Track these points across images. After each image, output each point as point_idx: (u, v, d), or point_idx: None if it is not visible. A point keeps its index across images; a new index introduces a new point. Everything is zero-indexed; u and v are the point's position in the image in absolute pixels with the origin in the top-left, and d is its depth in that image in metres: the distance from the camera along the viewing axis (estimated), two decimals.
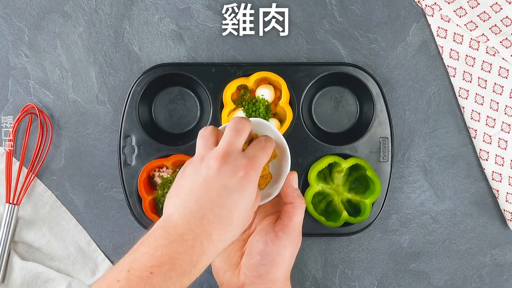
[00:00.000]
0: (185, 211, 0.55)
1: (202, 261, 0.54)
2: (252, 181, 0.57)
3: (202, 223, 0.54)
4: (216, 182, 0.56)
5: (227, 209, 0.56)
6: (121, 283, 0.51)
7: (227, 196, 0.56)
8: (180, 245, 0.53)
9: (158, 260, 0.52)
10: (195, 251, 0.53)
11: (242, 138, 0.60)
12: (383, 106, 0.80)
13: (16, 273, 0.80)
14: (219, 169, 0.57)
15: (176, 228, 0.54)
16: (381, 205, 0.80)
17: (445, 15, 0.83)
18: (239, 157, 0.58)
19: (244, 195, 0.57)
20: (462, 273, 0.84)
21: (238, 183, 0.56)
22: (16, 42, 0.84)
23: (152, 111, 0.83)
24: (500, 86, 0.83)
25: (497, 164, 0.82)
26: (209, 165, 0.57)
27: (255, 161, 0.58)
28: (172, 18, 0.84)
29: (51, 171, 0.83)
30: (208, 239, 0.54)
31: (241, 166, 0.57)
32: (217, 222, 0.55)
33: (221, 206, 0.56)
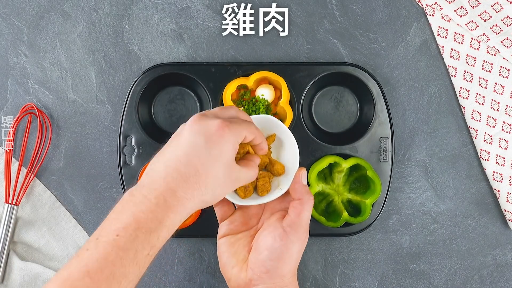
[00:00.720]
0: (152, 172, 0.56)
1: (169, 219, 0.54)
2: (224, 138, 0.56)
3: (165, 181, 0.54)
4: (186, 140, 0.56)
5: (193, 166, 0.55)
6: (90, 250, 0.51)
7: (194, 154, 0.55)
8: (144, 204, 0.53)
9: (123, 222, 0.52)
10: (159, 208, 0.53)
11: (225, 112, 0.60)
12: (383, 106, 0.80)
13: (16, 274, 0.80)
14: (191, 126, 0.57)
15: (142, 189, 0.54)
16: (381, 205, 0.80)
17: (445, 15, 0.83)
18: (214, 118, 0.58)
19: (213, 153, 0.56)
20: (462, 274, 0.83)
21: (206, 139, 0.56)
22: (15, 42, 0.84)
23: (151, 111, 0.83)
24: (501, 86, 0.82)
25: (498, 164, 0.82)
26: (185, 124, 0.58)
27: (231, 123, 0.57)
28: (172, 17, 0.84)
29: (51, 171, 0.83)
30: (173, 196, 0.54)
31: (213, 124, 0.57)
32: (182, 180, 0.55)
33: (186, 163, 0.55)
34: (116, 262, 0.51)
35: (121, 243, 0.51)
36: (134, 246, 0.52)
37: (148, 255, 0.53)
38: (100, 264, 0.50)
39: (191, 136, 0.56)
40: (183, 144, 0.56)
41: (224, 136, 0.56)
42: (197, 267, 0.83)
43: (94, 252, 0.51)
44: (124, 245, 0.51)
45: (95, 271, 0.50)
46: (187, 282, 0.83)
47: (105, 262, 0.51)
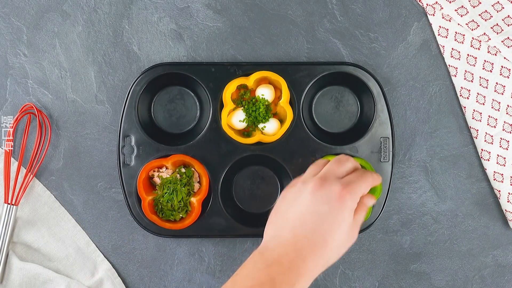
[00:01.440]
0: (281, 239, 0.59)
1: (299, 283, 0.57)
2: (346, 206, 0.59)
3: (296, 249, 0.57)
4: (311, 208, 0.59)
5: (320, 236, 0.58)
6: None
7: (320, 223, 0.58)
8: (277, 267, 0.56)
9: (258, 280, 0.55)
10: (292, 273, 0.56)
11: (343, 168, 0.63)
12: (384, 106, 0.80)
13: (15, 274, 0.80)
14: (313, 193, 0.59)
15: (272, 254, 0.57)
16: (382, 206, 0.80)
17: (446, 14, 0.83)
18: (335, 182, 0.60)
19: (337, 220, 0.59)
20: (463, 274, 0.83)
21: (330, 208, 0.59)
22: (15, 42, 0.83)
23: (151, 111, 0.83)
24: (502, 86, 0.82)
25: (499, 164, 0.82)
26: (306, 188, 0.60)
27: (351, 186, 0.60)
28: (172, 17, 0.83)
29: (50, 171, 0.83)
30: (304, 263, 0.57)
31: (335, 191, 0.59)
32: (311, 249, 0.58)
33: (314, 232, 0.58)
34: None
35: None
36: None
37: None
38: None
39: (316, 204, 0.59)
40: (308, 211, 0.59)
41: (346, 202, 0.59)
42: (197, 268, 0.83)
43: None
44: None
45: None
46: (186, 283, 0.83)
47: None
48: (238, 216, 0.81)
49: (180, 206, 0.78)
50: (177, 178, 0.78)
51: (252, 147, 0.80)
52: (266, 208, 0.82)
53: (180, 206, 0.78)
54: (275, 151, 0.80)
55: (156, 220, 0.78)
